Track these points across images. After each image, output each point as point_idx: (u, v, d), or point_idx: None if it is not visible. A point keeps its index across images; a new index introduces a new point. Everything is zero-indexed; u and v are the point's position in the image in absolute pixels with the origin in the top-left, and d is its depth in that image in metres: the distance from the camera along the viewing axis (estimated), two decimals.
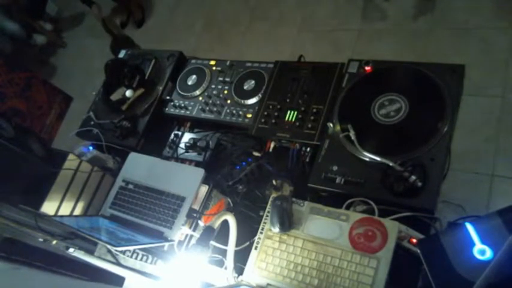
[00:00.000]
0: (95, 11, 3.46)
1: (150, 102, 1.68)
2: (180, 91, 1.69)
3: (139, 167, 1.53)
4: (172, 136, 1.63)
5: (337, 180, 1.21)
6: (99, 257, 1.40)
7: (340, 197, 1.21)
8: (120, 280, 1.37)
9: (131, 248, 1.38)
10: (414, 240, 1.07)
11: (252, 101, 1.52)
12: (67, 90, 3.72)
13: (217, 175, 1.43)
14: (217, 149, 1.53)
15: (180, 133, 1.62)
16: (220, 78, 1.63)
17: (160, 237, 1.33)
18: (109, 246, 1.35)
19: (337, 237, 1.13)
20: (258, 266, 1.18)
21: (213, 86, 1.64)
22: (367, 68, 1.35)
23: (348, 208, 1.20)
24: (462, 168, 1.97)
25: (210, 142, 1.53)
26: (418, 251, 0.99)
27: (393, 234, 1.06)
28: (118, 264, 1.38)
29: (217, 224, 1.21)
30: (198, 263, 1.23)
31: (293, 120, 1.39)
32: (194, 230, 1.34)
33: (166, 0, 3.74)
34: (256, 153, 1.43)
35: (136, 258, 1.39)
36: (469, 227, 0.94)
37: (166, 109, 1.69)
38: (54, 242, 1.38)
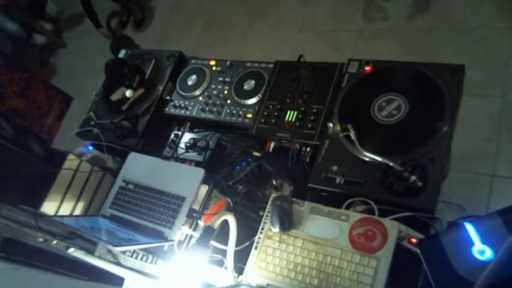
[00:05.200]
0: (104, 32, 3.50)
1: (150, 102, 1.68)
2: (180, 91, 1.69)
3: (139, 167, 1.53)
4: (172, 136, 1.63)
5: (337, 180, 1.21)
6: (99, 257, 1.40)
7: (340, 197, 1.21)
8: (120, 280, 1.37)
9: (131, 248, 1.38)
10: (414, 240, 1.07)
11: (252, 101, 1.52)
12: (67, 90, 3.72)
13: (217, 175, 1.43)
14: (217, 149, 1.53)
15: (180, 133, 1.62)
16: (220, 78, 1.63)
17: (160, 237, 1.33)
18: (109, 246, 1.35)
19: (337, 237, 1.13)
20: (258, 266, 1.18)
21: (213, 86, 1.64)
22: (367, 68, 1.35)
23: (348, 208, 1.20)
24: (462, 168, 1.97)
25: (210, 142, 1.53)
26: (418, 251, 0.99)
27: (393, 234, 1.06)
28: (118, 264, 1.38)
29: (217, 224, 1.21)
30: (198, 263, 1.23)
31: (293, 120, 1.39)
32: (194, 230, 1.34)
33: (166, 0, 3.74)
34: (256, 153, 1.43)
35: (136, 258, 1.39)
36: (469, 227, 0.94)
37: (166, 109, 1.69)
38: (54, 242, 1.38)
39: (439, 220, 1.13)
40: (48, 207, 1.43)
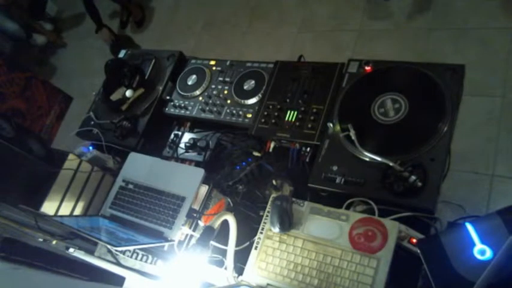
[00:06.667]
0: (105, 35, 3.45)
1: (150, 102, 1.68)
2: (180, 91, 1.69)
3: (139, 167, 1.53)
4: (172, 136, 1.63)
5: (337, 180, 1.21)
6: (99, 257, 1.40)
7: (340, 197, 1.21)
8: (120, 280, 1.37)
9: (131, 248, 1.38)
10: (414, 240, 1.07)
11: (252, 101, 1.52)
12: (67, 90, 3.72)
13: (217, 175, 1.43)
14: (217, 149, 1.53)
15: (180, 133, 1.62)
16: (220, 78, 1.63)
17: (160, 237, 1.33)
18: (109, 246, 1.35)
19: (337, 237, 1.13)
20: (258, 266, 1.18)
21: (213, 86, 1.64)
22: (367, 68, 1.35)
23: (348, 208, 1.20)
24: (462, 168, 1.97)
25: (210, 142, 1.53)
26: (418, 251, 0.99)
27: (393, 234, 1.06)
28: (118, 264, 1.38)
29: (217, 224, 1.21)
30: (198, 263, 1.23)
31: (293, 120, 1.39)
32: (194, 230, 1.34)
33: (166, 1, 3.74)
34: (256, 153, 1.42)
35: (136, 258, 1.39)
36: (469, 227, 0.94)
37: (166, 109, 1.69)
38: (54, 242, 1.38)
39: (439, 220, 1.13)
40: (48, 207, 1.43)
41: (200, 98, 1.64)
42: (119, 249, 1.37)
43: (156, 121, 1.68)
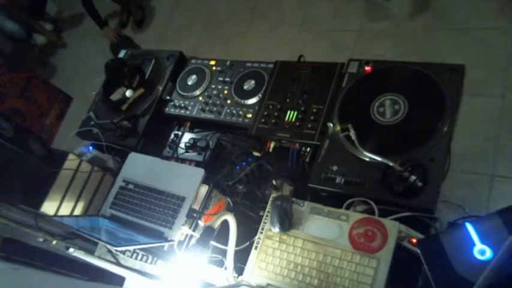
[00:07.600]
0: (109, 33, 3.45)
1: (150, 102, 1.68)
2: (180, 91, 1.69)
3: (139, 167, 1.53)
4: (172, 136, 1.63)
5: (337, 180, 1.21)
6: (99, 257, 1.40)
7: (340, 197, 1.21)
8: (120, 280, 1.37)
9: (131, 248, 1.38)
10: (414, 240, 1.07)
11: (252, 101, 1.52)
12: (67, 90, 3.72)
13: (217, 175, 1.43)
14: (217, 149, 1.53)
15: (180, 133, 1.62)
16: (220, 78, 1.63)
17: (160, 237, 1.33)
18: (109, 246, 1.35)
19: (337, 237, 1.13)
20: (258, 266, 1.18)
21: (213, 86, 1.64)
22: (367, 68, 1.35)
23: (348, 208, 1.20)
24: (462, 168, 1.97)
25: (210, 142, 1.53)
26: (418, 251, 0.99)
27: (393, 234, 1.06)
28: (118, 264, 1.39)
29: (217, 224, 1.21)
30: (198, 263, 1.23)
31: (293, 120, 1.39)
32: (194, 230, 1.34)
33: (166, 0, 3.74)
34: (256, 153, 1.43)
35: (136, 258, 1.39)
36: (469, 227, 0.94)
37: (166, 109, 1.69)
38: (54, 242, 1.38)
39: (439, 220, 1.13)
40: (48, 207, 1.43)
41: (200, 98, 1.64)
42: (119, 249, 1.37)
43: (156, 121, 1.68)
